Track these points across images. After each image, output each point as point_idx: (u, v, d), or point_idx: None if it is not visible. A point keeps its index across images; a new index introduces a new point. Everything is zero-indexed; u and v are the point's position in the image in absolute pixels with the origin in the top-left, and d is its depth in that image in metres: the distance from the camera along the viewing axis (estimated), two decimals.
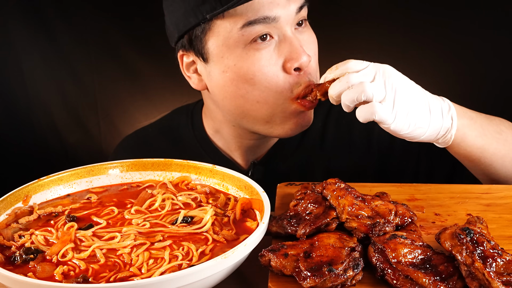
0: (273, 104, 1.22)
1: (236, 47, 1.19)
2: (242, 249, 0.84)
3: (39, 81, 2.40)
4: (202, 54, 1.25)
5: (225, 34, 1.19)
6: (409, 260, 0.84)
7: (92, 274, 0.86)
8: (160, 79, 2.43)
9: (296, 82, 1.20)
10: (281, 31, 1.19)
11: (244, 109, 1.25)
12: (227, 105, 1.28)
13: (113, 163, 1.18)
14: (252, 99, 1.22)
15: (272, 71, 1.19)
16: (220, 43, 1.20)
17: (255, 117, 1.25)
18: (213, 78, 1.26)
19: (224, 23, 1.18)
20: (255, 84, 1.20)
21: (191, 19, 1.21)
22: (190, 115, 1.49)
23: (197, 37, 1.23)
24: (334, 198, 0.97)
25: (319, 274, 0.81)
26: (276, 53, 1.19)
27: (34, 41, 2.34)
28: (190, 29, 1.23)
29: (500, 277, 0.77)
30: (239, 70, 1.20)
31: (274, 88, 1.20)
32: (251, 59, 1.19)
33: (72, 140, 2.47)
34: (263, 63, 1.19)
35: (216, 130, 1.42)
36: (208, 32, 1.21)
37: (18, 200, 1.06)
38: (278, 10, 1.17)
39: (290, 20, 1.19)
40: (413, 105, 1.04)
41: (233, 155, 1.42)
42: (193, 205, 1.07)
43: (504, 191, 1.13)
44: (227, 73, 1.22)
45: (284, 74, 1.19)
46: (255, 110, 1.24)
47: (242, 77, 1.20)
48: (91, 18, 2.36)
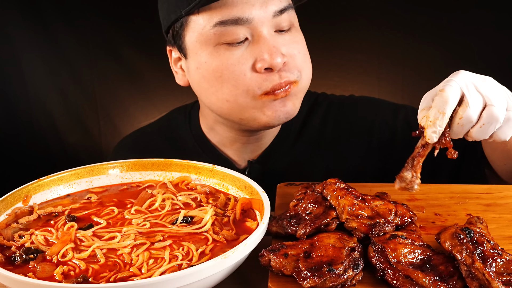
0: (242, 102, 1.21)
1: (208, 44, 1.20)
2: (242, 249, 0.84)
3: (39, 81, 2.40)
4: (182, 50, 1.27)
5: (199, 30, 1.20)
6: (409, 260, 0.85)
7: (92, 274, 0.86)
8: (160, 79, 2.44)
9: (264, 79, 1.19)
10: (256, 32, 1.18)
11: (217, 106, 1.26)
12: (204, 101, 1.30)
13: (113, 163, 1.18)
14: (222, 98, 1.23)
15: (240, 70, 1.19)
16: (194, 39, 1.22)
17: (229, 113, 1.26)
18: (191, 74, 1.28)
19: (199, 19, 1.20)
20: (223, 83, 1.20)
21: (172, 15, 1.24)
22: (187, 114, 1.50)
23: (177, 33, 1.26)
24: (334, 198, 0.97)
25: (319, 274, 0.81)
26: (248, 52, 1.19)
27: (34, 41, 2.34)
28: (171, 24, 1.26)
29: (500, 277, 0.77)
30: (209, 67, 1.21)
31: (241, 87, 1.19)
32: (221, 57, 1.19)
33: (72, 140, 2.48)
34: (231, 62, 1.19)
35: (210, 128, 1.42)
36: (185, 27, 1.23)
37: (18, 200, 1.06)
38: (252, 11, 1.17)
39: (266, 21, 1.19)
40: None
41: (229, 153, 1.43)
42: (193, 205, 1.07)
43: (504, 191, 1.13)
44: (200, 70, 1.23)
45: (252, 73, 1.19)
46: (227, 108, 1.24)
47: (212, 74, 1.21)
48: (91, 18, 2.37)
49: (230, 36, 1.18)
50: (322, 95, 1.50)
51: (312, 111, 1.45)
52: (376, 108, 1.45)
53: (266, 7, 1.18)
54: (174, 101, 2.36)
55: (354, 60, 2.38)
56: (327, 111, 1.45)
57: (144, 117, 2.47)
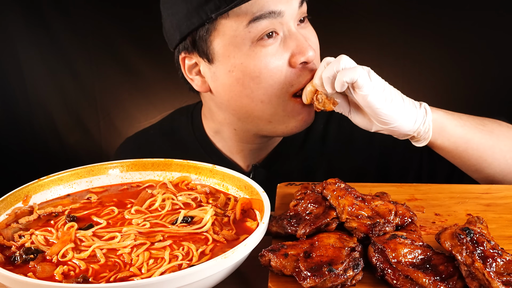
0: (275, 103, 1.23)
1: (243, 45, 1.19)
2: (242, 249, 0.84)
3: (39, 81, 2.40)
4: (207, 55, 1.24)
5: (231, 33, 1.19)
6: (409, 260, 0.85)
7: (92, 274, 0.86)
8: (160, 79, 2.43)
9: (298, 75, 1.21)
10: (286, 27, 1.20)
11: (248, 109, 1.25)
12: (232, 105, 1.28)
13: (113, 163, 1.18)
14: (257, 99, 1.23)
15: (277, 66, 1.20)
16: (226, 43, 1.20)
17: (260, 117, 1.26)
18: (219, 78, 1.25)
19: (230, 22, 1.18)
20: (261, 82, 1.21)
21: (194, 19, 1.20)
22: (190, 116, 1.49)
23: (201, 37, 1.23)
24: (334, 198, 0.97)
25: (319, 274, 0.81)
26: (282, 48, 1.21)
27: (34, 41, 2.34)
28: (194, 30, 1.22)
29: (500, 277, 0.77)
30: (246, 68, 1.20)
31: (277, 85, 1.21)
32: (258, 55, 1.19)
33: (72, 140, 2.47)
34: (269, 59, 1.20)
35: (216, 132, 1.41)
36: (213, 32, 1.21)
37: (18, 200, 1.06)
38: (282, 5, 1.18)
39: (294, 15, 1.21)
40: (388, 88, 1.11)
41: (234, 157, 1.42)
42: (193, 205, 1.07)
43: (504, 191, 1.13)
44: (234, 72, 1.22)
45: (288, 68, 1.21)
46: (259, 110, 1.24)
47: (248, 75, 1.21)
48: (91, 18, 2.37)
49: (265, 31, 1.18)
50: None
51: (317, 114, 1.45)
52: None
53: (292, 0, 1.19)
54: (174, 101, 2.36)
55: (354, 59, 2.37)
56: (331, 114, 1.45)
57: (144, 117, 2.47)
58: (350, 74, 1.07)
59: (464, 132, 1.18)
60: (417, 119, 1.13)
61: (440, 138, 1.17)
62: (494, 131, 1.21)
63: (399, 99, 1.12)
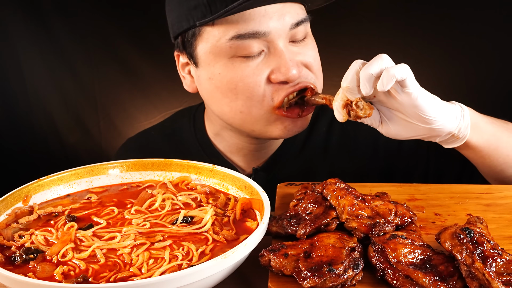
0: (256, 114, 1.22)
1: (222, 56, 1.19)
2: (242, 249, 0.84)
3: (39, 82, 2.40)
4: (193, 58, 1.25)
5: (214, 42, 1.19)
6: (409, 260, 0.84)
7: (92, 274, 0.86)
8: (160, 79, 2.44)
9: (277, 89, 1.19)
10: (272, 44, 1.18)
11: (229, 116, 1.25)
12: (215, 110, 1.29)
13: (113, 163, 1.18)
14: (236, 109, 1.22)
15: (254, 81, 1.18)
16: (207, 50, 1.20)
17: (241, 124, 1.26)
18: (202, 82, 1.27)
19: (214, 31, 1.18)
20: (238, 94, 1.20)
21: (183, 23, 1.21)
22: (192, 118, 1.49)
23: (188, 41, 1.24)
24: (334, 198, 0.97)
25: (319, 274, 0.81)
26: (263, 64, 1.19)
27: (34, 41, 2.34)
28: (182, 32, 1.24)
29: (500, 277, 0.77)
30: (223, 79, 1.20)
31: (256, 98, 1.19)
32: (235, 70, 1.18)
33: (72, 140, 2.47)
34: (246, 74, 1.18)
35: (216, 133, 1.41)
36: (198, 37, 1.21)
37: (18, 200, 1.06)
38: (270, 24, 1.16)
39: (283, 34, 1.18)
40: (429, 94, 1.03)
41: (234, 159, 1.42)
42: (193, 205, 1.07)
43: (504, 191, 1.13)
44: (213, 80, 1.22)
45: (267, 85, 1.19)
46: (239, 119, 1.24)
47: (226, 86, 1.20)
48: (92, 18, 2.37)
49: (246, 50, 1.16)
50: None
51: (318, 118, 1.44)
52: None
53: (284, 19, 1.17)
54: (174, 101, 2.36)
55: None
56: (333, 117, 1.45)
57: (144, 117, 2.47)
58: (400, 71, 0.97)
59: (494, 130, 1.15)
60: (456, 115, 1.07)
61: (475, 136, 1.12)
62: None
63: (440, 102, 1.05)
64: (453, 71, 2.29)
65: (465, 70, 2.29)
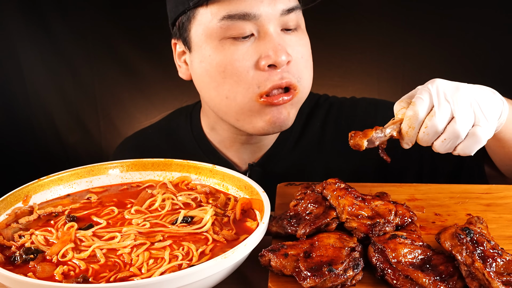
0: (240, 102, 1.21)
1: (213, 38, 1.20)
2: (242, 249, 0.84)
3: (39, 82, 2.40)
4: (187, 43, 1.26)
5: (206, 23, 1.20)
6: (409, 260, 0.85)
7: (92, 274, 0.86)
8: (160, 79, 2.44)
9: (265, 78, 1.18)
10: (262, 28, 1.18)
11: (216, 102, 1.26)
12: (204, 96, 1.30)
13: (113, 163, 1.18)
14: (222, 94, 1.23)
15: (243, 66, 1.18)
16: (200, 32, 1.22)
17: (226, 112, 1.26)
18: (194, 67, 1.27)
19: (206, 12, 1.19)
20: (225, 78, 1.20)
21: (179, 6, 1.23)
22: (189, 116, 1.49)
23: (183, 25, 1.25)
24: (334, 198, 0.97)
25: (319, 274, 0.81)
26: (253, 49, 1.19)
27: (34, 41, 2.34)
28: (178, 16, 1.25)
29: (500, 277, 0.77)
30: (212, 61, 1.21)
31: (242, 84, 1.19)
32: (225, 52, 1.19)
33: (72, 140, 2.48)
34: (236, 58, 1.18)
35: (211, 128, 1.42)
36: (192, 20, 1.23)
37: (18, 200, 1.06)
38: (261, 8, 1.16)
39: (273, 19, 1.18)
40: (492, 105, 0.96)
41: (230, 155, 1.42)
42: (193, 205, 1.07)
43: (504, 191, 1.13)
44: (203, 63, 1.23)
45: (255, 71, 1.19)
46: (225, 105, 1.24)
47: (214, 69, 1.21)
48: (91, 18, 2.37)
49: (236, 31, 1.17)
50: (323, 97, 1.50)
51: (313, 113, 1.45)
52: (376, 109, 1.45)
53: (275, 4, 1.18)
54: (174, 101, 2.36)
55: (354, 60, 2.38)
56: (328, 113, 1.45)
57: (144, 117, 2.48)
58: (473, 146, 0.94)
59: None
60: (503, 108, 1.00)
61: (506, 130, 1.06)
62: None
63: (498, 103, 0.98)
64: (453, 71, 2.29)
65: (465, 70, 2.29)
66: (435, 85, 0.95)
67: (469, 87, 0.96)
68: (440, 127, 0.93)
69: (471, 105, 0.93)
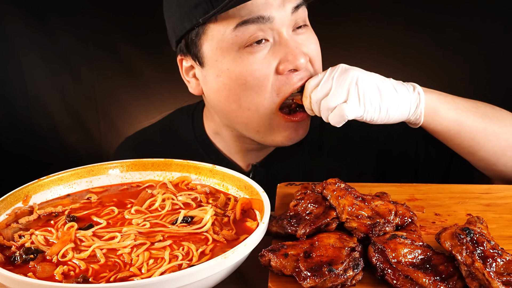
0: (262, 113, 1.22)
1: (230, 50, 1.19)
2: (242, 249, 0.84)
3: (39, 81, 2.40)
4: (198, 58, 1.25)
5: (219, 37, 1.18)
6: (409, 260, 0.84)
7: (92, 274, 0.86)
8: (160, 79, 2.43)
9: (284, 83, 1.20)
10: (277, 33, 1.18)
11: (237, 114, 1.25)
12: (222, 110, 1.28)
13: (113, 163, 1.18)
14: (244, 106, 1.22)
15: (263, 74, 1.18)
16: (214, 47, 1.20)
17: (247, 124, 1.26)
18: (208, 82, 1.26)
19: (217, 26, 1.18)
20: (247, 90, 1.20)
21: (186, 23, 1.21)
22: (191, 116, 1.49)
23: (192, 41, 1.23)
24: (334, 198, 0.97)
25: (319, 274, 0.81)
26: (271, 55, 1.19)
27: (34, 42, 2.34)
28: (186, 33, 1.23)
29: (500, 277, 0.77)
30: (232, 75, 1.20)
31: (264, 93, 1.19)
32: (244, 63, 1.18)
33: (72, 140, 2.47)
34: (255, 67, 1.18)
35: (216, 132, 1.41)
36: (202, 36, 1.21)
37: (18, 200, 1.06)
38: (272, 11, 1.16)
39: (286, 21, 1.19)
40: (377, 91, 1.12)
41: (233, 158, 1.42)
42: (193, 205, 1.07)
43: (504, 191, 1.13)
44: (221, 78, 1.22)
45: (275, 76, 1.19)
46: (246, 117, 1.24)
47: (235, 82, 1.20)
48: (91, 18, 2.37)
49: (252, 36, 1.17)
50: None
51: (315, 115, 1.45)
52: None
53: (284, 5, 1.18)
54: (174, 101, 2.36)
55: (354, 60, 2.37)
56: None
57: (144, 117, 2.47)
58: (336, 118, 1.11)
59: (457, 115, 1.19)
60: (411, 106, 1.15)
61: (433, 123, 1.19)
62: (487, 114, 1.21)
63: (393, 96, 1.13)
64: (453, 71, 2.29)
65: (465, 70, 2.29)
66: (336, 67, 1.16)
67: (361, 74, 1.13)
68: (318, 97, 1.14)
69: (349, 85, 1.11)
